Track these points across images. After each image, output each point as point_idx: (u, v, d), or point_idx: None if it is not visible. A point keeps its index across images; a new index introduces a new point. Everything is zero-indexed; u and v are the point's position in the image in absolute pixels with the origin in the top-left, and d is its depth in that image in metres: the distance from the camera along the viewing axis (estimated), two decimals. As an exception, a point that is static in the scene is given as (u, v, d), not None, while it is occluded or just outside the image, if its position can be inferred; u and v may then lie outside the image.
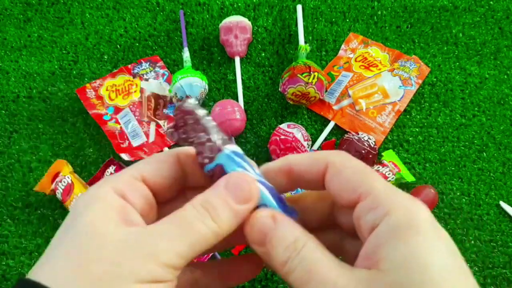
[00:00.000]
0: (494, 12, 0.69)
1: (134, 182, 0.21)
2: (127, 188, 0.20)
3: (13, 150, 0.60)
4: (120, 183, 0.20)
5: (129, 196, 0.20)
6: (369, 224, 0.18)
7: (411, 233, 0.17)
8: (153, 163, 0.22)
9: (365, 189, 0.19)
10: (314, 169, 0.21)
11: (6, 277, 0.53)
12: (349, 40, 0.67)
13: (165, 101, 0.63)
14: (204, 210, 0.19)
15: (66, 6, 0.71)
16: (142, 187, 0.21)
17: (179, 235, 0.18)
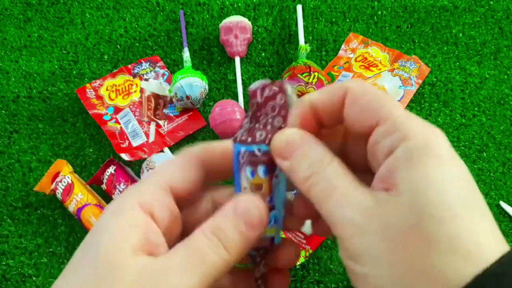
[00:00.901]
0: (494, 12, 0.69)
1: (161, 195, 0.20)
2: (155, 202, 0.20)
3: (13, 150, 0.60)
4: (148, 195, 0.20)
5: (156, 211, 0.20)
6: (386, 148, 0.18)
7: (428, 158, 0.17)
8: (177, 169, 0.22)
9: (384, 114, 0.18)
10: (335, 99, 0.20)
11: (6, 277, 0.53)
12: (349, 40, 0.67)
13: (165, 101, 0.63)
14: (216, 238, 0.19)
15: (66, 6, 0.71)
16: (169, 200, 0.21)
17: (191, 268, 0.18)
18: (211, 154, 0.22)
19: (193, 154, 0.22)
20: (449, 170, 0.17)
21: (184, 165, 0.22)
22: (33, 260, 0.53)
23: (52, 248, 0.54)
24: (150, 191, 0.20)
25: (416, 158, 0.17)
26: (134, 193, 0.20)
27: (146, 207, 0.19)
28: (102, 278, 0.17)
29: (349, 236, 0.17)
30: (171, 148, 0.60)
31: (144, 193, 0.20)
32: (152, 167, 0.53)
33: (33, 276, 0.53)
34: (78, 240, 0.54)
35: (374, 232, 0.17)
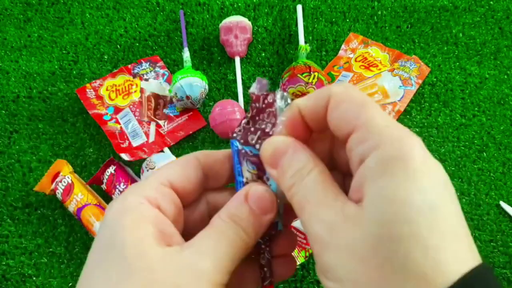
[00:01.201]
0: (494, 12, 0.69)
1: (163, 189, 0.21)
2: (159, 196, 0.20)
3: (13, 150, 0.60)
4: (152, 191, 0.20)
5: (162, 204, 0.20)
6: (358, 156, 0.18)
7: (397, 168, 0.16)
8: (177, 167, 0.22)
9: (360, 121, 0.18)
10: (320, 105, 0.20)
11: (6, 277, 0.53)
12: (349, 40, 0.67)
13: (165, 101, 0.63)
14: (234, 223, 0.20)
15: (66, 6, 0.71)
16: (172, 193, 0.21)
17: (218, 252, 0.19)
18: (210, 159, 0.23)
19: (193, 157, 0.23)
20: (419, 181, 0.16)
21: (184, 165, 0.22)
22: (33, 260, 0.53)
23: (52, 248, 0.54)
24: (153, 187, 0.21)
25: (384, 169, 0.16)
26: (137, 190, 0.20)
27: (153, 201, 0.20)
28: (134, 269, 0.17)
29: (318, 250, 0.18)
30: (171, 148, 0.60)
31: (147, 189, 0.20)
32: (152, 167, 0.53)
33: (33, 276, 0.53)
34: (78, 240, 0.54)
35: (339, 250, 0.17)
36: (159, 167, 0.23)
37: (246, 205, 0.20)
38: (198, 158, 0.23)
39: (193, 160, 0.23)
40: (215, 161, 0.23)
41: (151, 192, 0.20)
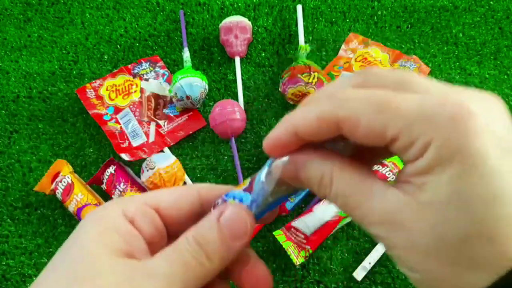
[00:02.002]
0: (494, 12, 0.69)
1: (145, 208, 0.20)
2: (138, 213, 0.20)
3: (13, 150, 0.60)
4: (132, 207, 0.20)
5: (138, 221, 0.20)
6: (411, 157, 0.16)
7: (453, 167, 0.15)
8: (172, 194, 0.21)
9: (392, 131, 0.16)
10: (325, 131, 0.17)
11: (6, 277, 0.53)
12: (349, 40, 0.67)
13: (165, 101, 0.63)
14: (198, 246, 0.19)
15: (66, 6, 0.71)
16: (153, 215, 0.20)
17: (173, 275, 0.18)
18: (212, 194, 0.22)
19: (194, 188, 0.22)
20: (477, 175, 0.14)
21: (180, 194, 0.22)
22: (33, 260, 0.53)
23: (52, 248, 0.54)
24: (136, 204, 0.20)
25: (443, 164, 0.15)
26: (120, 202, 0.20)
27: (128, 215, 0.20)
28: (81, 276, 0.17)
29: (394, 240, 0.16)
30: (171, 148, 0.60)
31: (129, 204, 0.20)
32: (152, 167, 0.53)
33: (33, 276, 0.53)
34: (78, 240, 0.54)
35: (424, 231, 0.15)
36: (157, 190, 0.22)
37: (216, 226, 0.19)
38: (200, 191, 0.22)
39: (193, 192, 0.22)
40: (216, 196, 0.22)
41: (131, 208, 0.20)
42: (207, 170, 0.59)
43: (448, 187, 0.15)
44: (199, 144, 0.60)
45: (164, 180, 0.53)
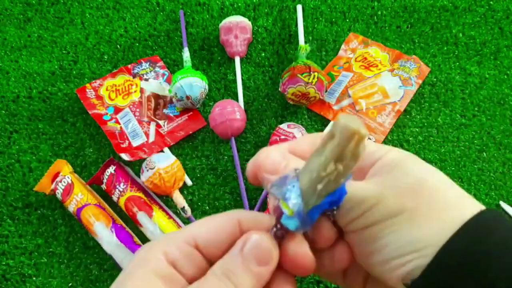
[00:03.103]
0: (494, 12, 0.69)
1: (186, 248, 0.20)
2: (179, 254, 0.20)
3: (13, 150, 0.60)
4: (174, 248, 0.20)
5: (180, 264, 0.20)
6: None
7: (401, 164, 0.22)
8: (210, 227, 0.21)
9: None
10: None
11: (6, 277, 0.53)
12: (349, 40, 0.67)
13: (165, 101, 0.63)
14: (226, 278, 0.19)
15: (66, 6, 0.71)
16: (195, 254, 0.20)
17: None
18: (252, 225, 0.21)
19: (234, 217, 0.21)
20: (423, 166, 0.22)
21: (218, 226, 0.21)
22: (33, 260, 0.53)
23: (52, 248, 0.54)
24: (177, 243, 0.20)
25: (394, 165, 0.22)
26: (162, 242, 0.20)
27: (170, 258, 0.20)
28: None
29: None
30: (171, 148, 0.60)
31: (171, 244, 0.20)
32: (152, 167, 0.53)
33: (33, 276, 0.53)
34: (78, 240, 0.54)
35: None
36: (197, 221, 0.22)
37: (240, 257, 0.19)
38: (240, 220, 0.21)
39: (233, 221, 0.21)
40: (257, 227, 0.21)
41: (172, 249, 0.20)
42: (207, 170, 0.59)
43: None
44: (199, 144, 0.60)
45: (164, 180, 0.53)
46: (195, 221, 0.22)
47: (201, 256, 0.20)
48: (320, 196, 0.19)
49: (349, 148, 0.17)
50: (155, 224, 0.51)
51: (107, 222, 0.52)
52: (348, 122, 0.17)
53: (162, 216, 0.53)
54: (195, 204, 0.57)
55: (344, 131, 0.17)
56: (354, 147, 0.17)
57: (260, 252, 0.19)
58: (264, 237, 0.20)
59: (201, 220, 0.22)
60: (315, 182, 0.18)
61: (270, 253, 0.19)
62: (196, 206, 0.57)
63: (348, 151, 0.17)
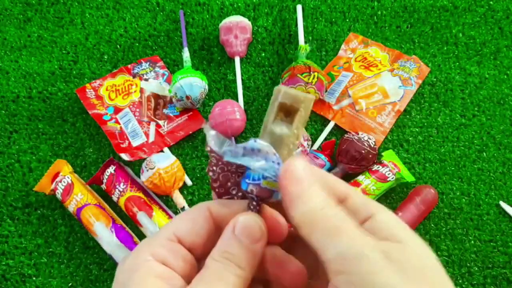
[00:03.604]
0: (494, 12, 0.69)
1: (171, 245, 0.21)
2: (166, 252, 0.21)
3: (13, 150, 0.60)
4: (158, 248, 0.21)
5: (169, 260, 0.20)
6: None
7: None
8: (186, 221, 0.22)
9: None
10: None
11: (6, 277, 0.53)
12: (349, 40, 0.67)
13: (165, 101, 0.63)
14: (226, 260, 0.20)
15: (66, 6, 0.71)
16: (180, 249, 0.21)
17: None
18: (224, 212, 0.23)
19: (205, 208, 0.23)
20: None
21: (193, 218, 0.22)
22: (33, 260, 0.53)
23: (52, 248, 0.54)
24: (161, 243, 0.21)
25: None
26: (146, 246, 0.21)
27: (160, 257, 0.20)
28: None
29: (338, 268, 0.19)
30: (171, 148, 0.60)
31: (155, 245, 0.21)
32: (152, 167, 0.53)
33: (33, 276, 0.53)
34: (78, 240, 0.54)
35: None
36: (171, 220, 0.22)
37: (234, 238, 0.20)
38: (211, 209, 0.23)
39: (204, 212, 0.22)
40: (229, 213, 0.22)
41: (158, 249, 0.21)
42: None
43: None
44: (199, 144, 0.60)
45: (164, 180, 0.53)
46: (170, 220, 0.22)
47: (186, 250, 0.21)
48: None
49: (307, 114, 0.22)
50: (155, 224, 0.51)
51: (107, 222, 0.52)
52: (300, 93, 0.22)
53: (162, 216, 0.53)
54: (195, 204, 0.57)
55: (307, 101, 0.22)
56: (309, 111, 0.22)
57: (251, 230, 0.20)
58: (251, 216, 0.21)
59: (175, 217, 0.23)
60: (290, 153, 0.22)
61: (260, 229, 0.21)
62: (196, 206, 0.57)
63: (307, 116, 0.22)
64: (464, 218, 0.55)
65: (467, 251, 0.54)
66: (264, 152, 0.21)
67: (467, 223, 0.55)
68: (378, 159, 0.57)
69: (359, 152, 0.54)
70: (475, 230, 0.55)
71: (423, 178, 0.58)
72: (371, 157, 0.55)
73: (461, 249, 0.54)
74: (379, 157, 0.57)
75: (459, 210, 0.56)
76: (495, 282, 0.52)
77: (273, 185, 0.22)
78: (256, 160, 0.21)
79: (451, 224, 0.55)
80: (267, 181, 0.21)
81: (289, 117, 0.22)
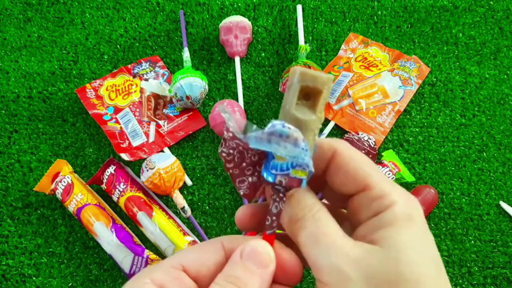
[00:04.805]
0: (494, 12, 0.69)
1: (173, 272, 0.20)
2: (166, 278, 0.20)
3: (13, 150, 0.60)
4: (159, 274, 0.20)
5: (168, 286, 0.20)
6: (372, 211, 0.20)
7: (409, 224, 0.19)
8: (195, 251, 0.22)
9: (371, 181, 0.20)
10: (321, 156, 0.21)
11: (6, 277, 0.53)
12: (349, 40, 0.67)
13: (165, 101, 0.63)
14: (230, 284, 0.19)
15: (66, 6, 0.71)
16: (182, 276, 0.21)
17: None
18: (235, 244, 0.22)
19: (218, 241, 0.22)
20: (422, 237, 0.19)
21: (203, 249, 0.22)
22: (33, 260, 0.53)
23: (52, 248, 0.54)
24: (163, 269, 0.21)
25: (400, 223, 0.19)
26: (148, 271, 0.21)
27: (158, 282, 0.20)
28: None
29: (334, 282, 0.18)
30: (171, 148, 0.60)
31: (157, 271, 0.21)
32: (152, 167, 0.53)
33: (33, 276, 0.53)
34: (78, 240, 0.54)
35: (358, 282, 0.18)
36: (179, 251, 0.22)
37: (241, 262, 0.20)
38: (223, 242, 0.22)
39: (216, 244, 0.22)
40: (238, 245, 0.22)
41: (159, 274, 0.20)
42: (207, 170, 0.59)
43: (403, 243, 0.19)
44: (199, 144, 0.60)
45: (164, 180, 0.53)
46: (179, 251, 0.22)
47: (189, 279, 0.21)
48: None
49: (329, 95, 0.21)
50: (155, 224, 0.51)
51: (107, 222, 0.52)
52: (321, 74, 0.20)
53: (162, 216, 0.53)
54: (195, 204, 0.57)
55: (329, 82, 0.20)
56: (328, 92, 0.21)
57: (259, 255, 0.20)
58: (260, 241, 0.20)
59: (185, 249, 0.22)
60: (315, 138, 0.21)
61: (268, 255, 0.20)
62: (196, 206, 0.57)
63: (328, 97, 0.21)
64: (464, 218, 0.55)
65: (467, 251, 0.54)
66: (293, 138, 0.20)
67: (467, 223, 0.55)
68: (378, 159, 0.57)
69: (359, 152, 0.54)
70: (475, 230, 0.55)
71: (423, 178, 0.58)
72: (371, 157, 0.55)
73: (461, 249, 0.54)
74: (379, 157, 0.57)
75: (459, 210, 0.56)
76: (495, 282, 0.52)
77: (302, 174, 0.20)
78: (285, 147, 0.20)
79: (451, 224, 0.55)
80: (296, 169, 0.20)
81: (310, 100, 0.21)
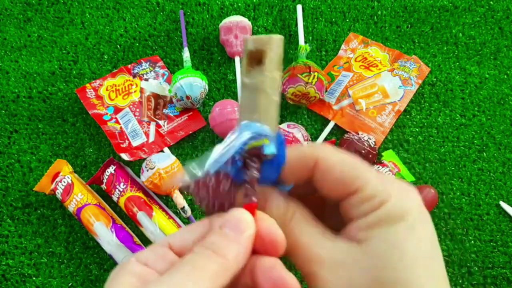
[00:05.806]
0: (494, 12, 0.69)
1: (158, 249, 0.21)
2: (149, 255, 0.21)
3: (13, 150, 0.60)
4: (144, 253, 0.21)
5: (150, 262, 0.20)
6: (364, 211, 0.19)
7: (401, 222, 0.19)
8: (183, 229, 0.22)
9: (360, 182, 0.20)
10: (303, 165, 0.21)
11: (6, 277, 0.53)
12: (349, 40, 0.67)
13: (165, 101, 0.63)
14: (207, 249, 0.19)
15: (66, 6, 0.71)
16: (166, 252, 0.21)
17: (193, 282, 0.18)
18: (218, 217, 0.22)
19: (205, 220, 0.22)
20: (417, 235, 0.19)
21: (189, 226, 0.22)
22: (33, 260, 0.53)
23: (52, 248, 0.54)
24: (149, 248, 0.21)
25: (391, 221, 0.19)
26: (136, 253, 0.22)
27: (142, 259, 0.20)
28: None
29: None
30: (171, 148, 0.60)
31: (141, 252, 0.21)
32: (152, 167, 0.53)
33: (33, 276, 0.53)
34: (78, 240, 0.54)
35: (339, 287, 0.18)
36: None
37: (219, 230, 0.20)
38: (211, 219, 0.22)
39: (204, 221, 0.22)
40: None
41: (144, 253, 0.21)
42: (207, 170, 0.59)
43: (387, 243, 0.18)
44: (199, 144, 0.60)
45: (164, 180, 0.53)
46: None
47: (173, 253, 0.21)
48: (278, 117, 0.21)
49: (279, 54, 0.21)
50: (155, 224, 0.51)
51: (107, 222, 0.52)
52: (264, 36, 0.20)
53: (162, 216, 0.53)
54: (194, 204, 0.57)
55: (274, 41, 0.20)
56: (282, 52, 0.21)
57: (235, 221, 0.20)
58: (239, 209, 0.20)
59: None
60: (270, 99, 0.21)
61: (246, 221, 0.20)
62: (196, 206, 0.57)
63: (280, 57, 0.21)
64: (464, 218, 0.55)
65: (467, 251, 0.54)
66: (235, 130, 0.20)
67: (467, 223, 0.55)
68: (378, 159, 0.57)
69: (359, 152, 0.54)
70: (475, 230, 0.55)
71: (423, 178, 0.58)
72: (371, 157, 0.55)
73: (461, 249, 0.54)
74: (379, 157, 0.57)
75: (459, 210, 0.56)
76: (495, 282, 0.52)
77: (259, 143, 0.20)
78: (233, 138, 0.20)
79: (451, 224, 0.55)
80: (251, 143, 0.20)
81: (261, 64, 0.21)
